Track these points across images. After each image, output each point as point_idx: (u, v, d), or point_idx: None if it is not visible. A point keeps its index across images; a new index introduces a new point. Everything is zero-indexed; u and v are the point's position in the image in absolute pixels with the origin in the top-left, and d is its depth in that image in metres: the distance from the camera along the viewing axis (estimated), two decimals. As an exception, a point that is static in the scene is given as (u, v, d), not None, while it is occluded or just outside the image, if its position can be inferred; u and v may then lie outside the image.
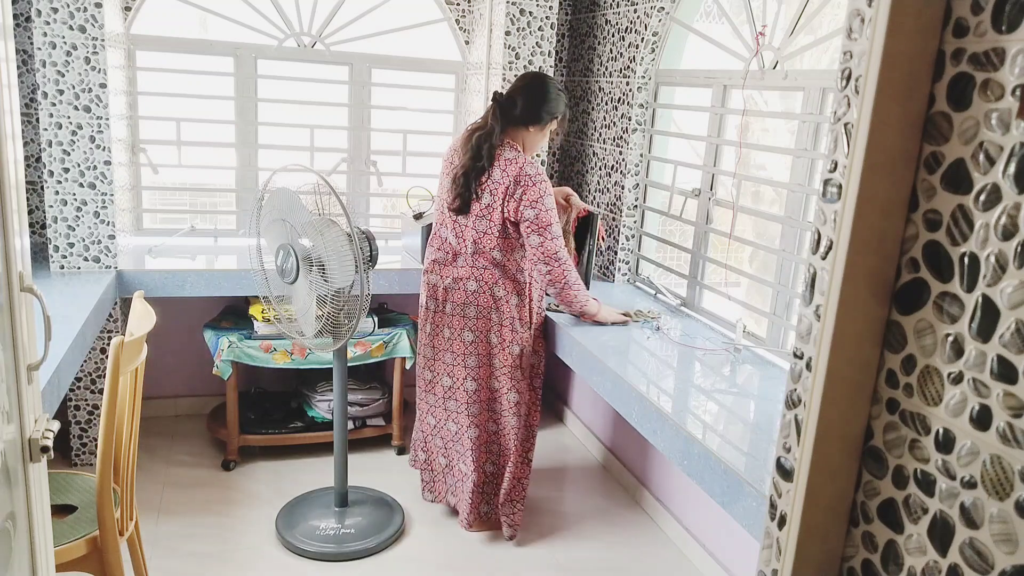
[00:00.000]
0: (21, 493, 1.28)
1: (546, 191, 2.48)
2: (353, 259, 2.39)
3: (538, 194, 2.46)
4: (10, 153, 1.19)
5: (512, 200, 2.46)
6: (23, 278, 1.25)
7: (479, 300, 2.56)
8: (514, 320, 2.58)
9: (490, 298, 2.55)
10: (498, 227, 2.50)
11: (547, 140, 2.65)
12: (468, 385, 2.63)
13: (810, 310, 1.16)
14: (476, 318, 2.57)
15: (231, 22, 3.24)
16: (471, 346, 2.60)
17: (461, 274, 2.58)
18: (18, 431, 1.26)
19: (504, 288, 2.55)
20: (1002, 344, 0.95)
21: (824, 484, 1.17)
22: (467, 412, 2.65)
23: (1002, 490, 0.95)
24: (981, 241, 0.98)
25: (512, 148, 2.52)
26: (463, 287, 2.58)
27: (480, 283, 2.55)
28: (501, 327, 2.57)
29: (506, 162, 2.48)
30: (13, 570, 1.23)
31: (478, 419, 2.65)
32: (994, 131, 0.96)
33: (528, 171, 2.47)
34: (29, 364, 1.29)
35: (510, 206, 2.47)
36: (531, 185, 2.45)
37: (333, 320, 2.46)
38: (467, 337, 2.59)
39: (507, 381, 2.61)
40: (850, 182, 1.07)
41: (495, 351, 2.60)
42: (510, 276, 2.56)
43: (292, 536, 2.65)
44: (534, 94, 2.53)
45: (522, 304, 2.59)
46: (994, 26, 0.95)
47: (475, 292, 2.56)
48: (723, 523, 2.57)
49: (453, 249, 2.61)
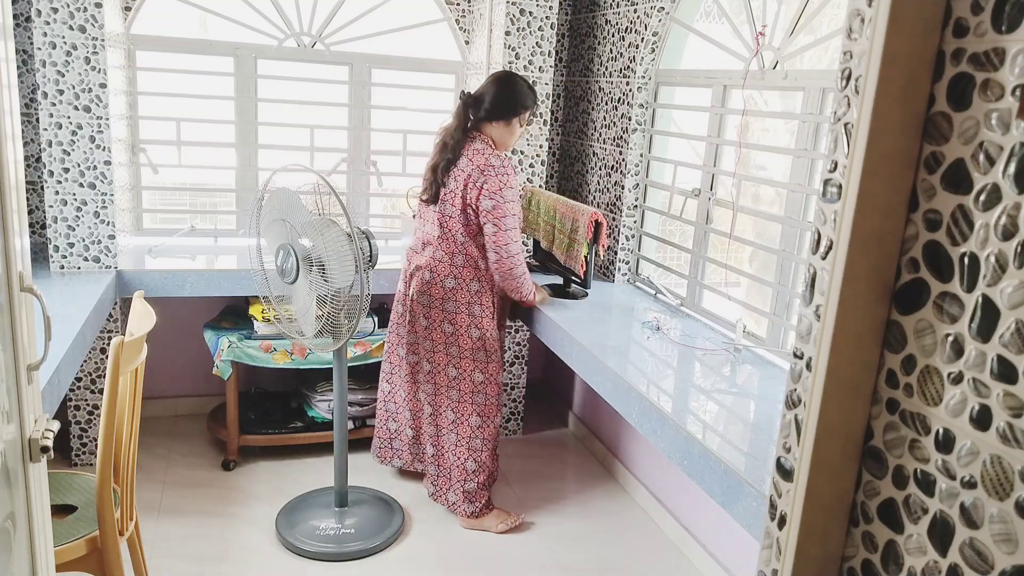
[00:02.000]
0: (21, 493, 1.28)
1: (507, 183, 2.60)
2: (353, 259, 2.39)
3: (498, 185, 2.58)
4: (10, 153, 1.19)
5: (474, 188, 2.59)
6: (23, 278, 1.25)
7: (431, 290, 2.69)
8: (471, 305, 2.69)
9: (441, 288, 2.68)
10: (459, 211, 2.62)
11: (517, 135, 2.73)
12: (424, 366, 2.79)
13: (810, 310, 1.16)
14: (430, 306, 2.71)
15: (231, 22, 3.24)
16: (425, 331, 2.74)
17: (421, 263, 2.72)
18: (18, 431, 1.26)
19: (456, 278, 2.67)
20: (1002, 344, 0.95)
21: (824, 484, 1.17)
22: (423, 391, 2.82)
23: (1002, 490, 0.95)
24: (981, 241, 0.98)
25: (482, 141, 2.65)
26: (420, 275, 2.71)
27: (433, 274, 2.68)
28: (456, 315, 2.69)
29: (473, 152, 2.62)
30: (13, 570, 1.23)
31: (433, 399, 2.80)
32: (994, 131, 0.96)
33: (492, 162, 2.60)
34: (29, 364, 1.29)
35: (472, 193, 2.60)
36: (493, 176, 2.58)
37: (333, 320, 2.46)
38: (421, 323, 2.73)
39: (468, 364, 2.73)
40: (850, 182, 1.07)
41: (450, 338, 2.72)
42: (471, 262, 2.67)
43: (292, 536, 2.65)
44: (500, 91, 2.66)
45: (483, 290, 2.70)
46: (994, 26, 0.95)
47: (428, 282, 2.69)
48: (723, 523, 2.57)
49: (423, 238, 2.75)
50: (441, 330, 2.72)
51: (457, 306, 2.69)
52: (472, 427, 2.78)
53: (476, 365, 2.74)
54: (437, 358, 2.76)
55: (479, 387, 2.76)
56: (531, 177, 3.34)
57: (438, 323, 2.71)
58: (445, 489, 2.86)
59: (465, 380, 2.76)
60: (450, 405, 2.78)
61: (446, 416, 2.80)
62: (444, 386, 2.78)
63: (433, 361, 2.76)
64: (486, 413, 2.78)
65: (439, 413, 2.82)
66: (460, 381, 2.76)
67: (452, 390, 2.77)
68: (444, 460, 2.85)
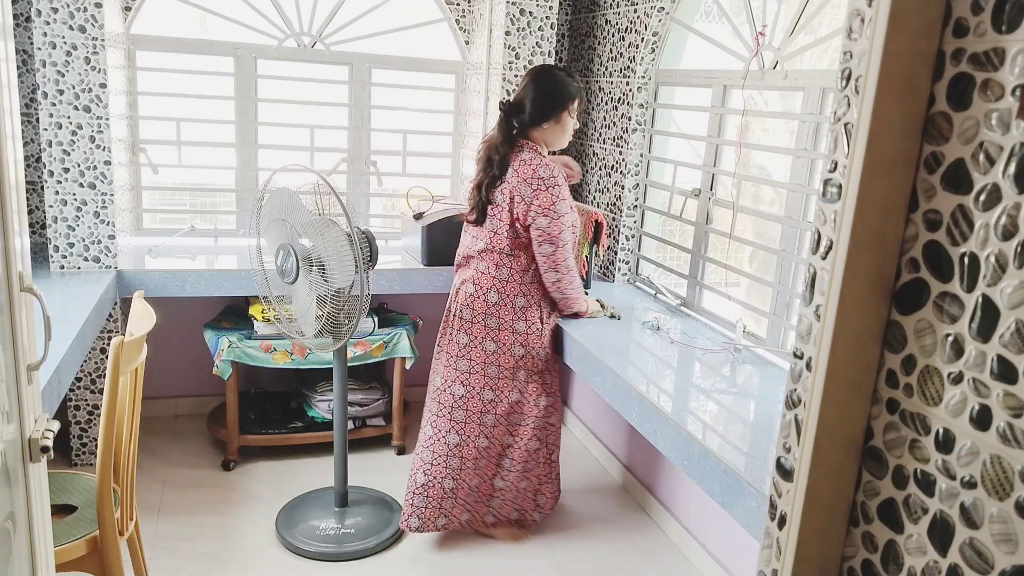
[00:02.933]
0: (21, 493, 1.28)
1: (559, 196, 2.44)
2: (353, 259, 2.39)
3: (550, 200, 2.42)
4: (10, 153, 1.19)
5: (522, 202, 2.44)
6: (23, 278, 1.25)
7: (474, 303, 2.54)
8: (515, 322, 2.53)
9: (484, 302, 2.52)
10: (507, 225, 2.48)
11: (570, 130, 2.55)
12: (456, 389, 2.58)
13: (810, 310, 1.16)
14: (472, 321, 2.55)
15: (231, 22, 3.24)
16: (464, 349, 2.56)
17: (466, 276, 2.58)
18: (18, 431, 1.26)
19: (500, 292, 2.52)
20: (1002, 344, 0.95)
21: (824, 484, 1.17)
22: (449, 417, 2.60)
23: (1002, 490, 0.95)
24: (981, 241, 0.98)
25: (530, 149, 2.49)
26: (464, 289, 2.57)
27: (476, 287, 2.54)
28: (499, 331, 2.53)
29: (520, 163, 2.46)
30: (13, 570, 1.23)
31: (462, 428, 2.59)
32: (994, 131, 0.96)
33: (541, 173, 2.43)
34: (29, 364, 1.29)
35: (519, 208, 2.45)
36: (543, 189, 2.42)
37: (333, 320, 2.46)
38: (462, 339, 2.57)
39: (508, 384, 2.56)
40: (850, 182, 1.07)
41: (491, 357, 2.55)
42: (516, 276, 2.52)
43: (292, 536, 2.65)
44: (540, 89, 2.48)
45: (529, 306, 2.54)
46: (994, 26, 0.95)
47: (471, 295, 2.54)
48: (724, 524, 2.56)
49: (467, 251, 2.61)
50: (482, 348, 2.54)
51: (499, 323, 2.52)
52: (530, 451, 2.61)
53: (515, 385, 2.56)
54: (473, 380, 2.56)
55: (515, 407, 2.59)
56: (531, 177, 3.34)
57: (479, 341, 2.54)
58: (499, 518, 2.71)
59: (502, 403, 2.57)
60: (482, 431, 2.58)
61: (478, 444, 2.59)
62: (477, 412, 2.58)
63: (468, 384, 2.56)
64: (544, 437, 2.63)
65: (467, 444, 2.59)
66: (496, 404, 2.58)
67: (487, 415, 2.58)
68: (501, 495, 2.67)
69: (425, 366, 3.72)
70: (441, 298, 3.71)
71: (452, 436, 2.59)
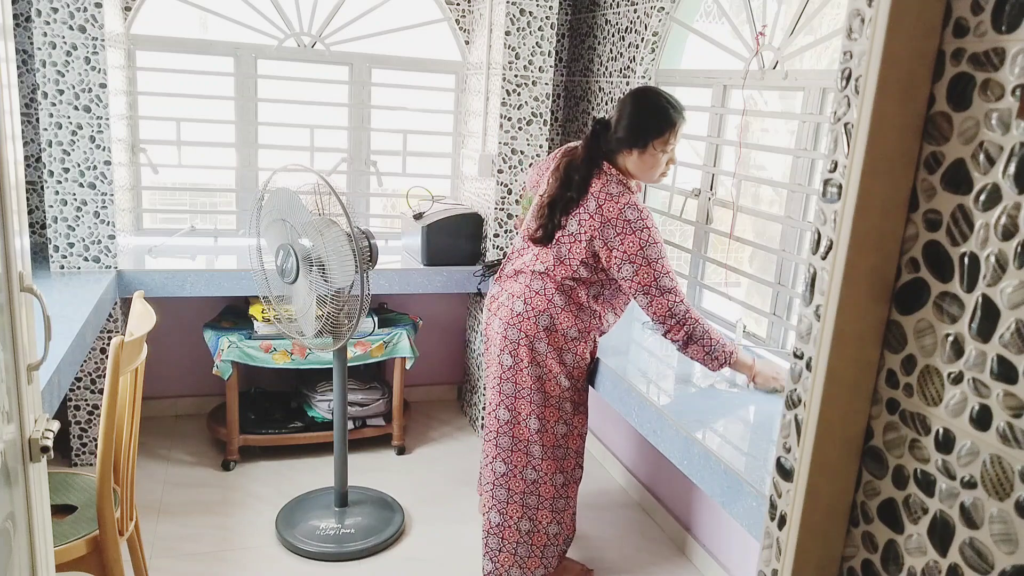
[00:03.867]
0: (21, 493, 1.28)
1: (649, 239, 2.13)
2: (353, 259, 2.39)
3: (638, 245, 2.12)
4: (10, 153, 1.19)
5: (604, 247, 2.17)
6: (23, 278, 1.25)
7: (522, 324, 2.26)
8: (563, 353, 2.27)
9: (533, 325, 2.25)
10: (579, 260, 2.21)
11: (658, 166, 2.23)
12: (501, 414, 2.34)
13: (810, 310, 1.16)
14: (517, 343, 2.27)
15: (231, 22, 3.24)
16: (510, 371, 2.30)
17: (515, 291, 2.31)
18: (18, 431, 1.26)
19: (553, 318, 2.24)
20: (1002, 344, 0.95)
21: (824, 484, 1.17)
22: (495, 443, 2.36)
23: (1002, 490, 0.95)
24: (981, 241, 0.98)
25: (619, 182, 2.20)
26: (511, 305, 2.30)
27: (528, 306, 2.26)
28: (547, 358, 2.27)
29: (606, 197, 2.16)
30: (13, 570, 1.23)
31: (508, 456, 2.34)
32: (994, 131, 0.96)
33: (629, 215, 2.13)
34: (29, 364, 1.29)
35: (600, 248, 2.18)
36: (629, 233, 2.12)
37: (333, 320, 2.46)
38: (506, 360, 2.31)
39: (553, 414, 2.31)
40: (850, 182, 1.07)
41: (536, 383, 2.28)
42: (574, 306, 2.26)
43: (292, 536, 2.65)
44: (632, 112, 2.20)
45: (581, 339, 2.28)
46: (994, 26, 0.95)
47: (519, 314, 2.27)
48: (725, 522, 2.56)
49: (520, 266, 2.34)
50: (528, 373, 2.28)
51: (548, 349, 2.26)
52: (556, 486, 2.36)
53: (561, 416, 2.32)
54: (520, 405, 2.31)
55: (561, 440, 2.34)
56: (531, 177, 3.34)
57: (525, 365, 2.27)
58: (510, 565, 2.39)
59: (548, 433, 2.32)
60: (530, 463, 2.33)
61: (526, 476, 2.35)
62: (524, 440, 2.32)
63: (514, 409, 2.32)
64: (566, 469, 2.37)
65: (514, 475, 2.35)
66: (543, 435, 2.32)
67: (534, 445, 2.32)
68: (520, 530, 2.37)
69: (425, 365, 3.73)
70: (442, 298, 3.71)
71: (499, 464, 2.38)
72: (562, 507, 2.38)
